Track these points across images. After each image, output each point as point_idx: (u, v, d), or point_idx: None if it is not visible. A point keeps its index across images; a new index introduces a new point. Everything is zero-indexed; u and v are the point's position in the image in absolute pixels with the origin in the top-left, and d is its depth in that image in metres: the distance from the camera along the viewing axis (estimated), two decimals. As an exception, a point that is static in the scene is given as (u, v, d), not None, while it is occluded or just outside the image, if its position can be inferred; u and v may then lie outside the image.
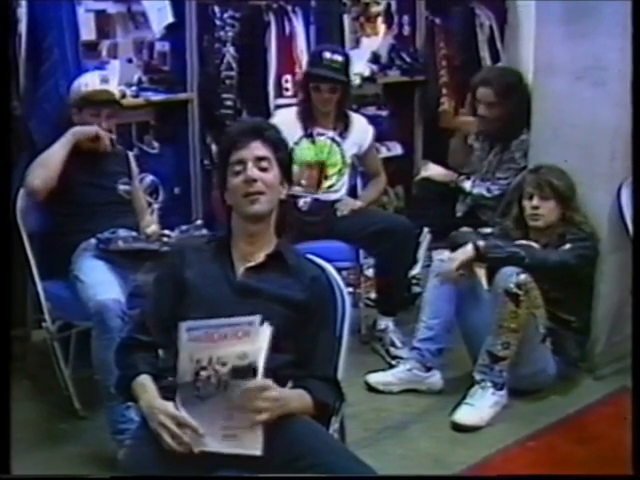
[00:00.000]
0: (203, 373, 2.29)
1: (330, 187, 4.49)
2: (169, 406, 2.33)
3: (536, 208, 3.97)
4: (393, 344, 4.38)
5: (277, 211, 2.67)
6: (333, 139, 4.48)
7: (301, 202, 4.39)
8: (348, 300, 2.81)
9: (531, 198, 3.99)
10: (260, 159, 2.61)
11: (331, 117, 4.48)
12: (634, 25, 3.52)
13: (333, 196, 4.49)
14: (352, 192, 4.71)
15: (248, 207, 2.59)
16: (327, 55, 4.42)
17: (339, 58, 4.43)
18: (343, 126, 4.50)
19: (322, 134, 4.47)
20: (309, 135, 4.45)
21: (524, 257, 3.78)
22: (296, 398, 2.47)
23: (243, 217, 2.62)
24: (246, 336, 2.28)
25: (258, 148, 2.62)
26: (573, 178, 4.03)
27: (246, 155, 2.60)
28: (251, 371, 2.30)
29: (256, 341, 2.30)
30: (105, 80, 3.96)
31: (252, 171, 2.58)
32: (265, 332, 2.33)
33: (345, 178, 4.56)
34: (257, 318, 2.31)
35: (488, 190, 4.68)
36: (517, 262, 3.76)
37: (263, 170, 2.60)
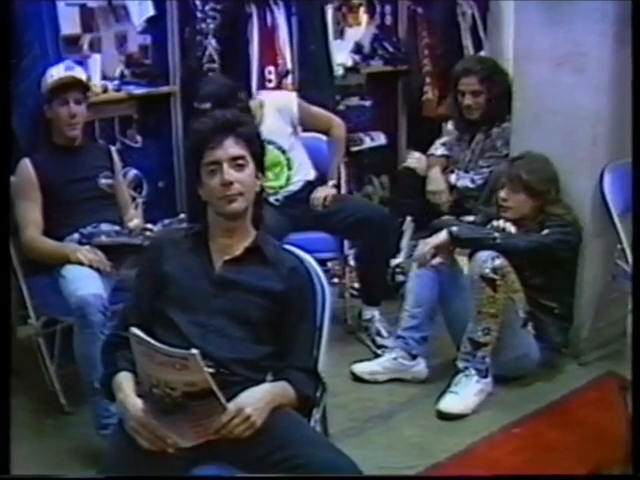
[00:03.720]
0: (156, 391, 2.25)
1: (287, 183, 4.43)
2: (139, 411, 2.32)
3: (505, 200, 3.97)
4: (379, 333, 4.38)
5: (253, 204, 2.66)
6: None
7: (272, 199, 4.33)
8: (328, 290, 2.80)
9: (502, 188, 3.99)
10: (235, 158, 2.57)
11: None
12: (634, 25, 3.53)
13: (298, 185, 4.45)
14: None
15: (226, 207, 2.57)
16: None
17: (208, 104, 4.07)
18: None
19: None
20: None
21: (496, 237, 3.79)
22: (278, 392, 2.48)
23: (221, 215, 2.60)
24: (185, 368, 2.19)
25: (232, 147, 2.57)
26: (554, 164, 4.03)
27: (221, 156, 2.55)
28: (207, 392, 2.23)
29: (198, 371, 2.20)
30: (70, 68, 3.94)
31: (228, 173, 2.54)
32: (199, 360, 2.19)
33: (298, 162, 4.47)
34: (190, 354, 2.19)
35: (472, 181, 4.69)
36: (489, 243, 3.77)
37: (239, 168, 2.57)
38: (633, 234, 3.38)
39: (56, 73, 3.89)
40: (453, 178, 4.76)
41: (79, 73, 3.98)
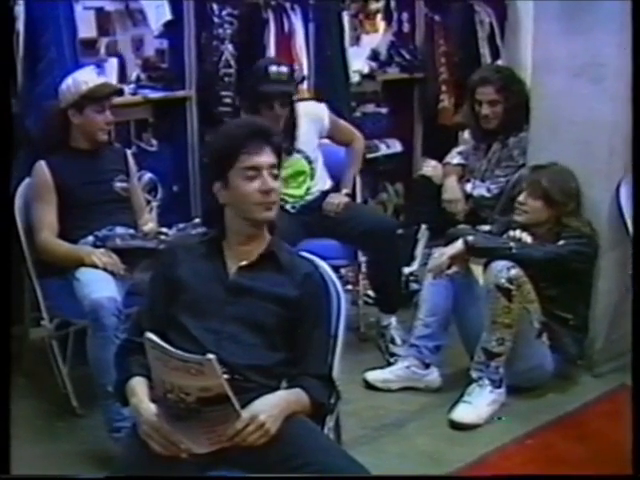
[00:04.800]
0: (170, 396, 2.23)
1: (306, 194, 4.43)
2: (153, 415, 2.31)
3: (522, 204, 3.97)
4: (393, 341, 4.37)
5: None
6: (286, 149, 4.22)
7: (288, 206, 4.33)
8: (344, 297, 2.79)
9: (521, 193, 3.99)
10: (272, 167, 2.58)
11: (281, 123, 4.25)
12: (634, 24, 3.51)
13: (314, 195, 4.45)
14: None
15: (262, 214, 2.57)
16: (273, 69, 4.26)
17: (285, 70, 4.31)
18: (291, 127, 4.32)
19: None
20: None
21: (511, 247, 3.78)
22: (293, 400, 2.46)
23: (249, 221, 2.59)
24: (200, 374, 2.17)
25: (269, 155, 2.57)
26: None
27: (261, 162, 2.55)
28: (221, 398, 2.22)
29: (213, 376, 2.18)
30: (100, 74, 3.94)
31: (269, 181, 2.55)
32: (217, 364, 2.17)
33: (318, 174, 4.48)
34: (206, 359, 2.17)
35: (488, 190, 4.67)
36: (505, 253, 3.76)
37: (274, 177, 2.58)
38: (633, 244, 3.37)
39: (90, 80, 3.85)
40: (469, 187, 4.74)
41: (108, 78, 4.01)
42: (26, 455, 3.19)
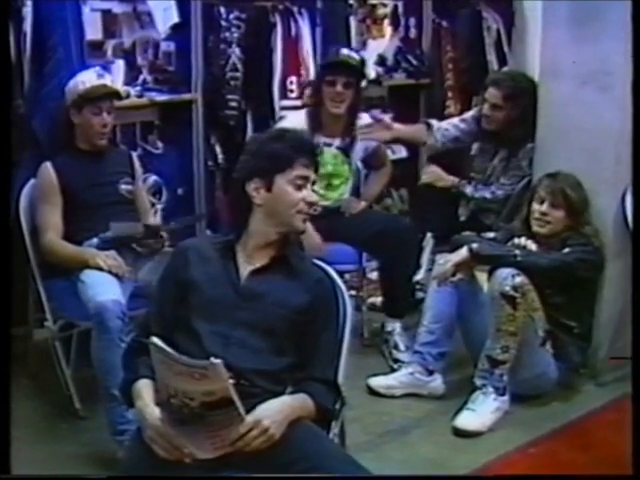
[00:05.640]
0: (173, 401, 2.22)
1: (336, 199, 4.44)
2: (157, 420, 2.30)
3: (544, 214, 3.95)
4: (397, 347, 4.36)
5: None
6: (340, 149, 4.40)
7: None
8: (349, 303, 2.79)
9: (542, 203, 3.97)
10: (313, 183, 2.67)
11: (341, 122, 4.36)
12: (634, 27, 3.50)
13: (337, 204, 4.46)
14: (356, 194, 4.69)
15: (300, 223, 2.62)
16: (344, 51, 4.43)
17: (356, 56, 4.44)
18: (352, 133, 4.40)
19: (329, 144, 4.36)
20: None
21: (517, 255, 3.77)
22: (298, 405, 2.45)
23: (283, 228, 2.62)
24: (204, 378, 2.16)
25: (313, 172, 2.65)
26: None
27: (311, 176, 2.64)
28: (225, 402, 2.21)
29: (218, 380, 2.17)
30: (101, 75, 3.93)
31: (314, 194, 2.64)
32: (221, 368, 2.16)
33: (349, 186, 4.52)
34: (210, 363, 2.16)
35: (492, 193, 4.66)
36: (510, 260, 3.75)
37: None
38: (633, 251, 3.36)
39: (88, 80, 3.87)
40: (470, 189, 4.73)
41: (109, 80, 4.00)
42: (29, 456, 3.18)
